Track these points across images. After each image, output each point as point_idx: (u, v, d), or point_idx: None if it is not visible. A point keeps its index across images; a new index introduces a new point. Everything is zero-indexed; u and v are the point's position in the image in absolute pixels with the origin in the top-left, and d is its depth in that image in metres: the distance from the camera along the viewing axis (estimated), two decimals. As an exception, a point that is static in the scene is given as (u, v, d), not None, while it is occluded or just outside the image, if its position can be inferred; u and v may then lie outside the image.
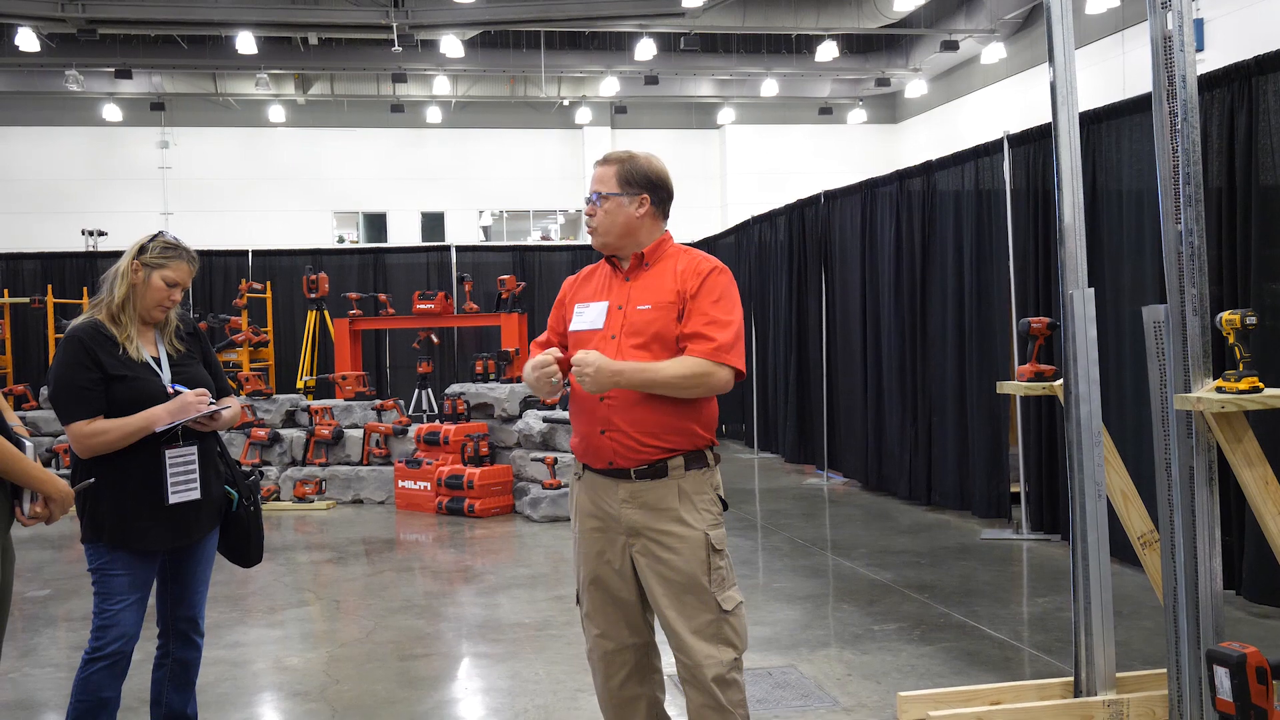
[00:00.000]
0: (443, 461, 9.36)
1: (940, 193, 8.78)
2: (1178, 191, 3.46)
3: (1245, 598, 5.59)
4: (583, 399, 3.17)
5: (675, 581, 3.11)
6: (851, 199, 10.28)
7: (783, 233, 11.96)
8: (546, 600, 6.36)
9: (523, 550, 7.91)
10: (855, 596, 6.29)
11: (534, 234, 26.42)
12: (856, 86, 23.77)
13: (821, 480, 10.65)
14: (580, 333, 3.28)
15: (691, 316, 3.13)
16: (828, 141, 25.22)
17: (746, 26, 19.56)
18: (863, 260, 9.95)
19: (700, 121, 25.46)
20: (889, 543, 7.72)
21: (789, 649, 5.30)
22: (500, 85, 23.38)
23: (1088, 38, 16.17)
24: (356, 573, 7.26)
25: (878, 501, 9.39)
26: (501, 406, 9.64)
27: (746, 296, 12.99)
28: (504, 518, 9.08)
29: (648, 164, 3.32)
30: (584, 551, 3.27)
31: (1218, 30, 14.14)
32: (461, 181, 24.85)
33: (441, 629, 5.88)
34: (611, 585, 3.22)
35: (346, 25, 17.57)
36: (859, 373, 10.01)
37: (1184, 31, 3.48)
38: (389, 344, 14.39)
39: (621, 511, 3.14)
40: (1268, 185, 5.60)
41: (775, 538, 8.08)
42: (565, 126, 24.84)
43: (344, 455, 10.10)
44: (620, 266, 3.32)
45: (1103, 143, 6.73)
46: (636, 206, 3.26)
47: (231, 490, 3.69)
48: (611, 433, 3.12)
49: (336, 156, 24.40)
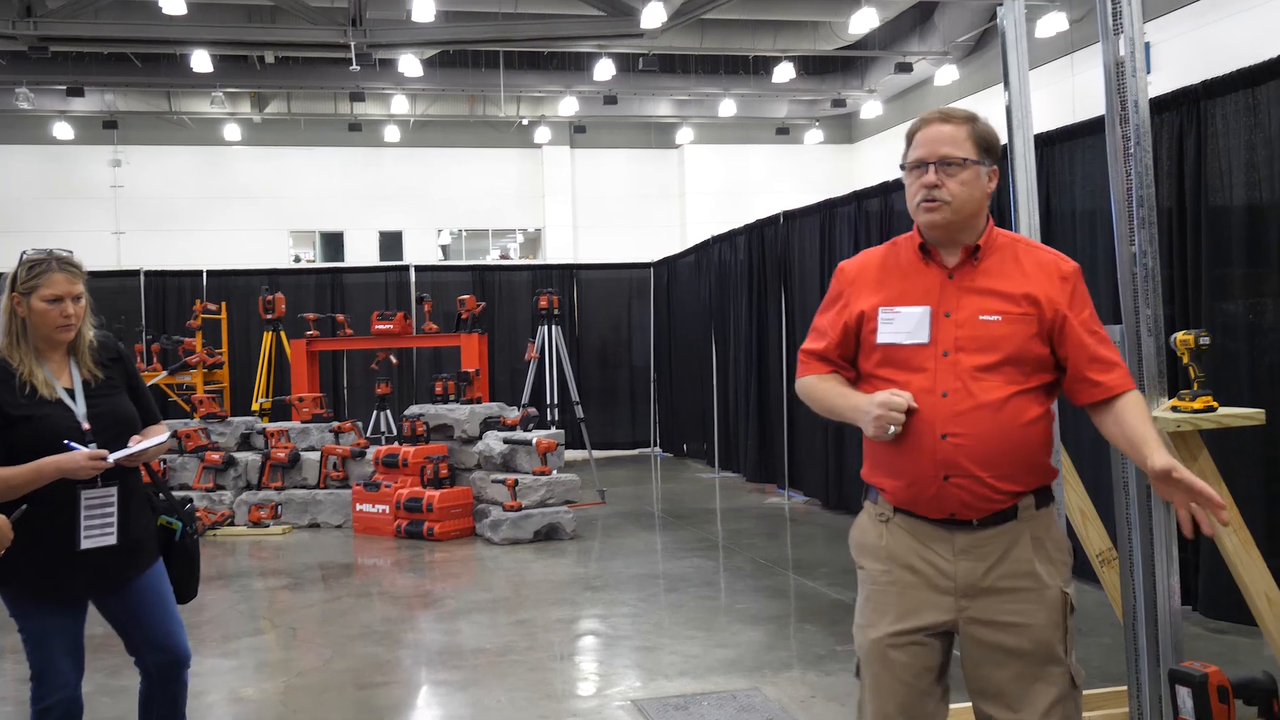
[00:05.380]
0: (402, 484, 9.28)
1: (897, 213, 8.84)
2: (1131, 214, 3.51)
3: (1202, 614, 5.65)
4: (911, 432, 2.49)
5: (1024, 653, 2.48)
6: (810, 219, 10.34)
7: (742, 252, 12.01)
8: (508, 625, 6.31)
9: (483, 574, 7.85)
10: (818, 617, 6.29)
11: (493, 253, 26.37)
12: (813, 107, 23.96)
13: (782, 499, 10.67)
14: (895, 347, 2.56)
15: (1082, 338, 2.52)
16: (785, 161, 25.38)
17: (704, 48, 19.67)
18: (822, 280, 9.99)
19: (659, 141, 25.55)
20: (850, 561, 7.70)
21: (753, 671, 5.28)
22: (459, 104, 23.35)
23: (1039, 60, 16.39)
24: (313, 599, 7.16)
25: (839, 520, 9.41)
26: (461, 428, 9.58)
27: (707, 316, 13.03)
28: (464, 541, 9.01)
29: (993, 129, 2.65)
30: (882, 610, 2.59)
31: (1166, 53, 14.39)
32: (420, 200, 24.77)
33: (401, 656, 5.81)
34: (903, 667, 2.55)
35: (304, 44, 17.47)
36: (819, 392, 10.01)
37: (1135, 58, 3.53)
38: (347, 365, 14.27)
39: (958, 566, 2.51)
40: (1217, 206, 5.69)
41: (737, 558, 8.07)
42: (524, 146, 24.83)
43: (300, 478, 9.98)
44: (938, 257, 2.61)
45: (1056, 164, 6.81)
46: (989, 181, 2.60)
47: (172, 520, 3.48)
48: (959, 479, 2.46)
49: (293, 175, 24.24)
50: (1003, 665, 2.48)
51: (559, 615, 6.56)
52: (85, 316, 3.36)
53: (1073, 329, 2.52)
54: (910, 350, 2.53)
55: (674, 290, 14.67)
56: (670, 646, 5.76)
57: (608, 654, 5.86)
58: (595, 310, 15.33)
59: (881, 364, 2.58)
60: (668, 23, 16.10)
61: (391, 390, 12.69)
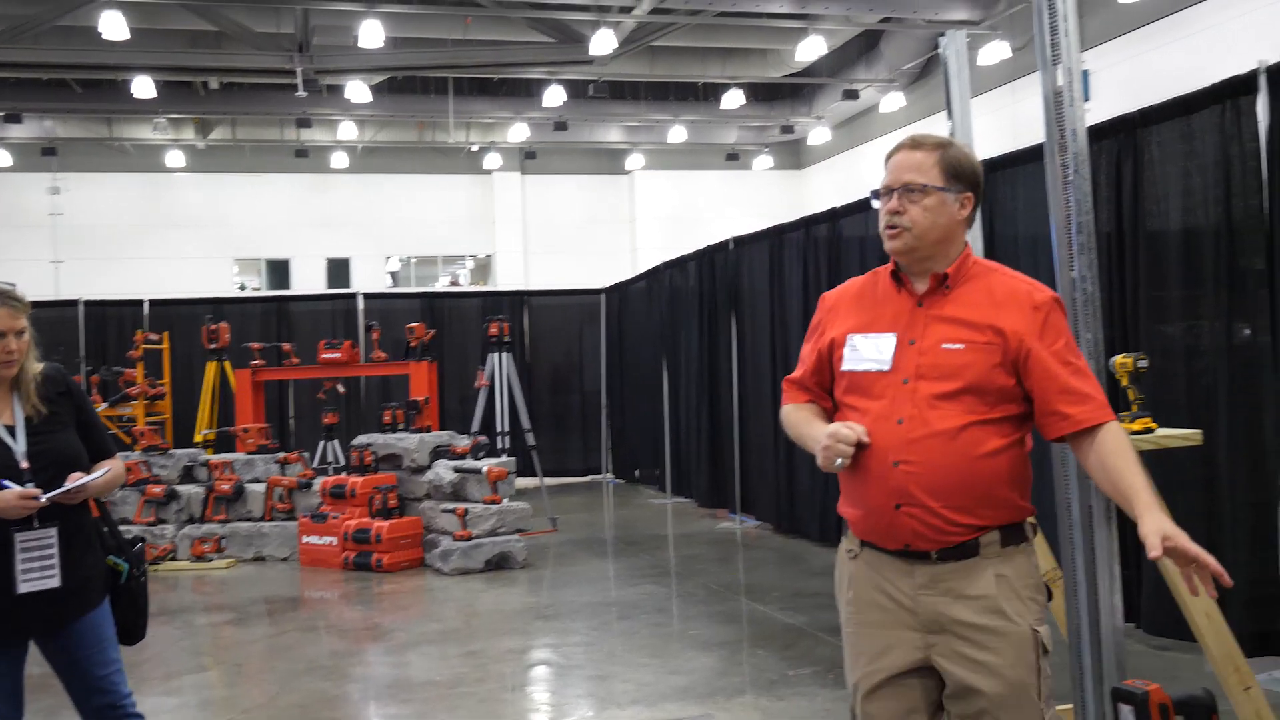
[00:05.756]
0: (350, 515, 9.18)
1: (845, 239, 8.93)
2: (1071, 240, 3.56)
3: (1145, 631, 5.71)
4: (869, 458, 2.49)
5: (995, 695, 2.42)
6: (760, 245, 10.41)
7: (693, 278, 12.05)
8: (459, 656, 6.25)
9: (433, 605, 7.77)
10: (770, 641, 6.29)
11: (443, 280, 26.24)
12: (762, 133, 24.15)
13: (734, 524, 10.68)
14: (859, 374, 2.57)
15: (1052, 370, 2.46)
16: (735, 187, 25.53)
17: (654, 74, 19.78)
18: (772, 305, 10.06)
19: (610, 167, 25.61)
20: (802, 585, 7.75)
21: (705, 697, 5.27)
22: (408, 130, 23.27)
23: (981, 88, 16.64)
24: (258, 634, 7.05)
25: (790, 544, 9.43)
26: (411, 457, 9.49)
27: (658, 342, 13.05)
28: (414, 571, 8.92)
29: (969, 155, 2.61)
30: (859, 650, 2.60)
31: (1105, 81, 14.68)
32: (368, 227, 24.60)
33: (349, 691, 5.74)
34: (890, 706, 2.54)
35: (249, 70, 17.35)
36: (770, 416, 10.07)
37: (1074, 87, 3.60)
38: (293, 395, 14.12)
39: (918, 600, 2.48)
40: (1154, 230, 5.81)
41: (689, 583, 8.06)
42: (474, 172, 24.78)
43: (245, 511, 9.84)
44: (909, 285, 2.61)
45: (999, 190, 6.91)
46: (959, 207, 2.56)
47: (119, 561, 3.40)
48: (910, 508, 2.45)
49: (238, 202, 23.98)
50: (974, 706, 2.43)
51: (510, 645, 6.51)
52: (29, 351, 3.28)
53: (1040, 360, 2.46)
54: (873, 377, 2.54)
55: (625, 316, 14.68)
56: (623, 675, 5.73)
57: (560, 684, 5.82)
58: (547, 337, 15.30)
59: (848, 391, 2.60)
60: (618, 49, 16.18)
61: (339, 420, 12.56)
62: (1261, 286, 5.17)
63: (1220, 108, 5.32)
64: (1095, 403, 2.48)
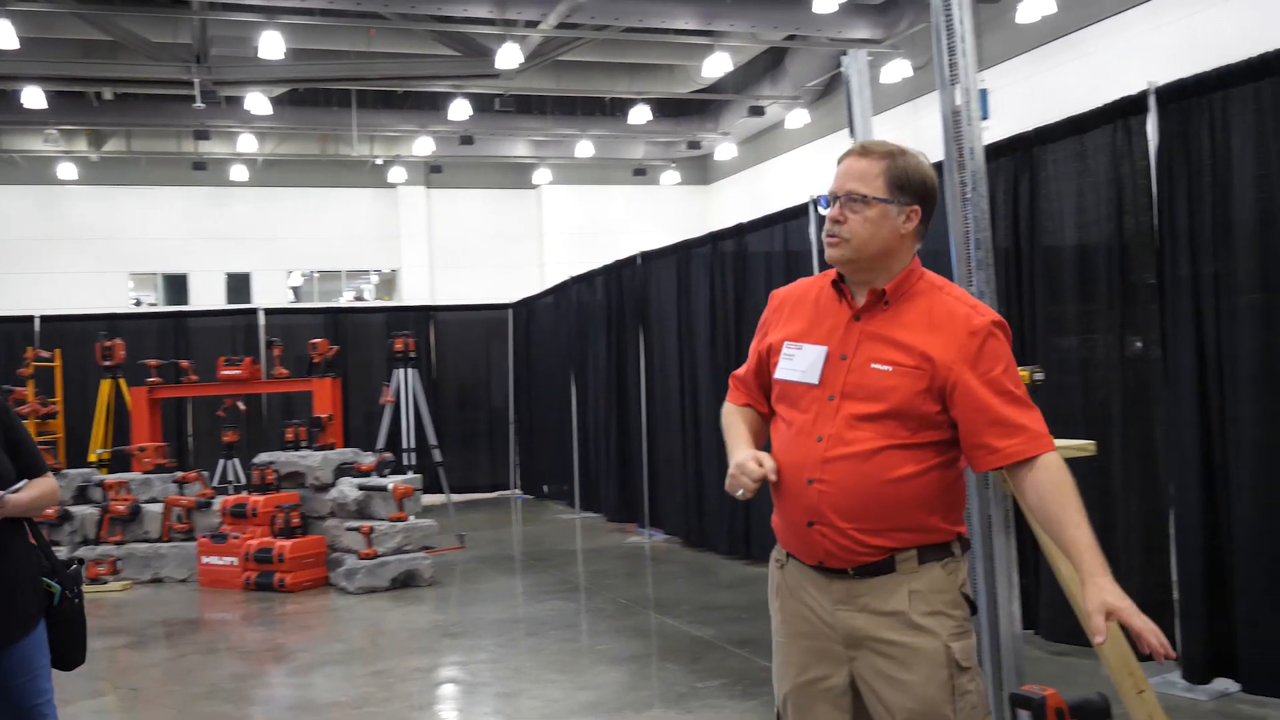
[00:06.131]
0: (251, 535, 8.98)
1: (751, 254, 9.02)
2: (970, 256, 3.65)
3: (1043, 637, 5.85)
4: (787, 475, 2.46)
5: (909, 711, 2.37)
6: (667, 260, 10.46)
7: (601, 293, 12.06)
8: (364, 676, 6.14)
9: (338, 624, 7.64)
10: (679, 655, 6.30)
11: (347, 295, 25.88)
12: (669, 149, 24.30)
13: (643, 539, 10.69)
14: (789, 384, 2.51)
15: (983, 399, 2.36)
16: (643, 202, 25.64)
17: (561, 89, 19.78)
18: (679, 320, 10.11)
19: (517, 182, 25.52)
20: (711, 598, 7.78)
21: (614, 712, 5.26)
22: (310, 143, 22.91)
23: (885, 105, 16.97)
24: (157, 658, 6.85)
25: (699, 558, 9.47)
26: (314, 475, 9.33)
27: (566, 357, 13.02)
28: (318, 591, 8.75)
29: (921, 165, 2.49)
30: (788, 661, 2.54)
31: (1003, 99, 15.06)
32: (269, 241, 24.15)
33: (251, 713, 5.60)
34: (818, 716, 2.49)
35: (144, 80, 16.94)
36: (678, 430, 10.12)
37: (971, 106, 3.69)
38: (192, 413, 13.78)
39: (836, 615, 2.44)
40: (1050, 246, 5.98)
41: (598, 598, 8.04)
42: (379, 185, 24.48)
43: (142, 532, 9.56)
44: (849, 296, 2.52)
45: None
46: (904, 220, 2.45)
47: (51, 583, 3.25)
48: (822, 526, 2.40)
49: (134, 216, 23.35)
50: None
51: (417, 664, 6.42)
52: None
53: (969, 389, 2.36)
54: (802, 389, 2.48)
55: (533, 331, 14.63)
56: (531, 691, 5.69)
57: (467, 702, 5.76)
58: (453, 352, 15.18)
59: (779, 399, 2.56)
60: (524, 64, 16.15)
61: (239, 438, 12.29)
62: (1152, 301, 5.35)
63: (1112, 127, 5.50)
64: (1028, 435, 2.37)
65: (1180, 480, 5.12)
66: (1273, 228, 4.72)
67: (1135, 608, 2.19)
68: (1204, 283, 5.03)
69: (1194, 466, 5.04)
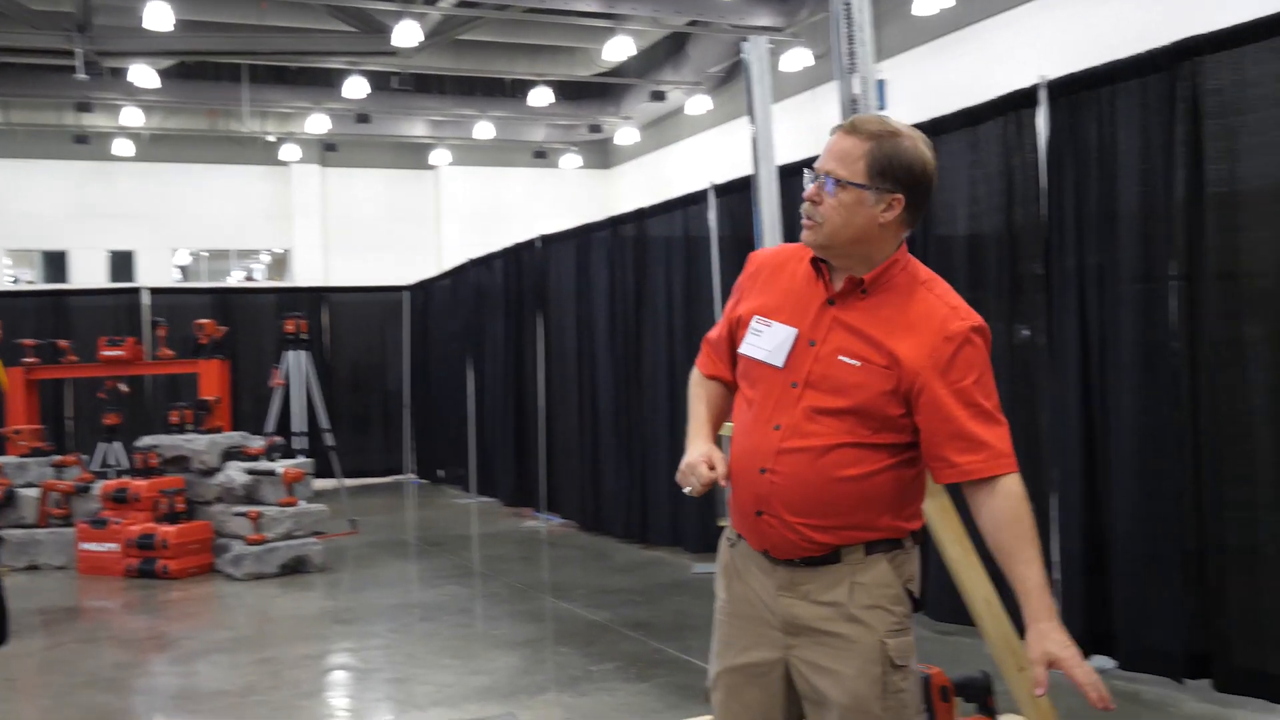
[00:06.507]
0: (133, 520, 8.71)
1: (652, 239, 9.03)
2: (865, 241, 3.68)
3: (930, 617, 5.97)
4: (742, 459, 2.38)
5: (839, 705, 2.29)
6: (567, 243, 10.41)
7: (499, 276, 11.96)
8: (251, 664, 6.00)
9: (224, 611, 7.46)
10: (574, 638, 6.29)
11: (237, 275, 25.25)
12: (570, 132, 24.20)
13: (540, 523, 10.65)
14: (752, 363, 2.40)
15: (949, 409, 2.25)
16: (543, 185, 25.50)
17: (460, 69, 19.54)
18: (579, 304, 10.07)
19: (414, 162, 25.16)
20: (606, 582, 7.79)
21: (508, 696, 5.23)
22: (199, 118, 22.23)
23: (786, 93, 17.12)
24: (33, 647, 6.59)
25: (595, 542, 9.47)
26: (200, 459, 9.08)
27: (463, 342, 12.89)
28: (203, 578, 8.53)
29: (913, 150, 2.29)
30: (727, 641, 2.47)
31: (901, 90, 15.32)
32: (155, 219, 23.41)
33: (133, 703, 5.44)
34: (748, 703, 2.42)
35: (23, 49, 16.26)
36: (576, 415, 10.09)
37: (869, 96, 3.73)
38: (71, 394, 13.30)
39: (778, 601, 2.36)
40: (942, 236, 6.09)
41: (494, 583, 7.99)
42: (270, 163, 23.89)
43: (17, 517, 9.19)
44: (827, 277, 2.37)
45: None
46: (884, 209, 2.28)
47: None
48: (769, 517, 2.32)
49: (11, 190, 22.41)
50: (820, 713, 2.33)
51: (306, 651, 6.30)
52: None
53: (936, 397, 2.24)
54: (765, 370, 2.36)
55: (430, 314, 14.45)
56: (424, 677, 5.63)
57: (359, 689, 5.67)
58: (347, 335, 14.92)
59: (743, 375, 2.45)
60: (423, 42, 15.92)
61: (121, 421, 11.88)
62: (1039, 290, 5.48)
63: (1004, 119, 5.61)
64: (990, 452, 2.26)
65: (1063, 464, 5.27)
66: (1155, 219, 4.87)
67: (1078, 656, 2.14)
68: (1089, 272, 5.18)
69: (1077, 450, 5.20)
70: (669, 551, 8.68)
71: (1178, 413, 4.77)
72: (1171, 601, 4.76)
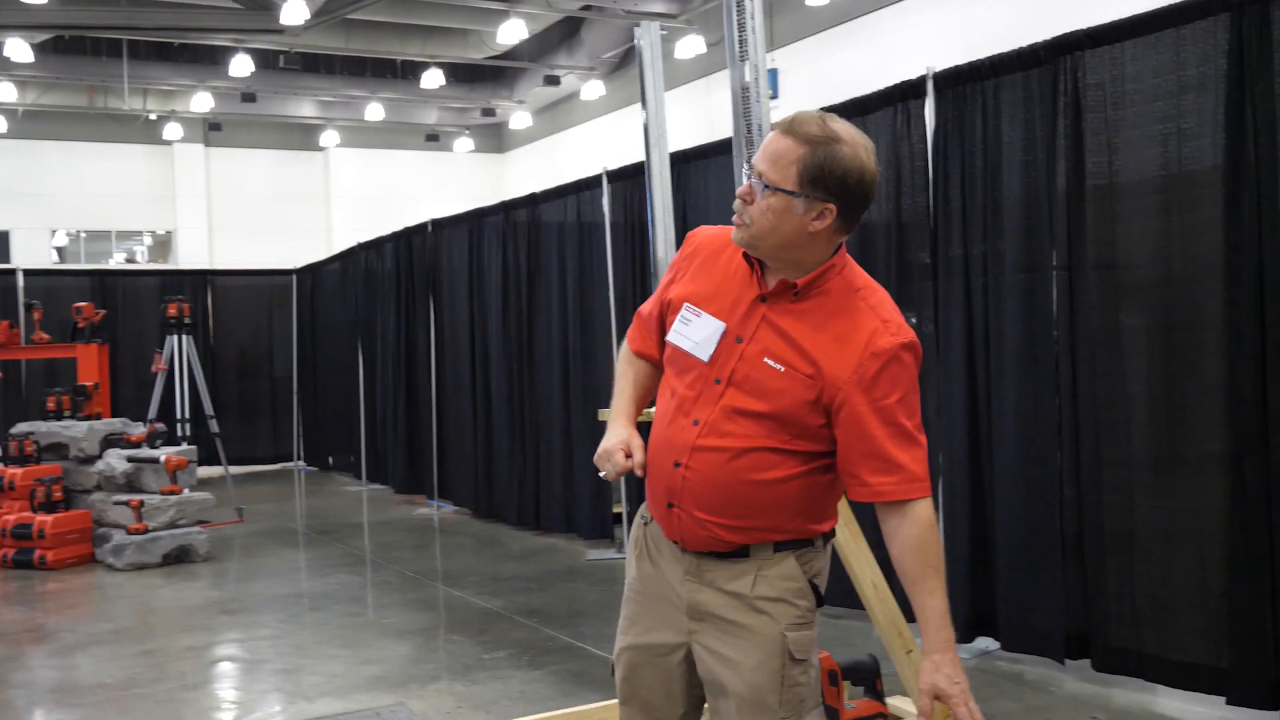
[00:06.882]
0: (8, 509, 8.40)
1: (545, 224, 8.99)
2: (758, 229, 3.71)
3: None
4: (658, 450, 2.34)
5: (737, 695, 2.27)
6: (459, 228, 10.30)
7: (390, 260, 11.78)
8: (133, 656, 5.84)
9: (105, 603, 7.24)
10: (466, 626, 6.26)
11: (118, 257, 24.42)
12: (463, 115, 23.93)
13: (432, 510, 10.55)
14: (677, 352, 2.34)
15: (868, 426, 2.20)
16: (436, 169, 25.18)
17: (350, 49, 19.17)
18: (471, 289, 9.98)
19: (303, 143, 24.62)
20: (499, 569, 7.75)
21: (399, 686, 5.17)
22: (78, 95, 21.41)
23: (680, 80, 17.19)
24: (-103, 643, 6.32)
25: (488, 529, 9.42)
26: (78, 446, 8.78)
27: (353, 326, 12.69)
28: (83, 569, 8.26)
29: (851, 159, 2.17)
30: (633, 619, 2.45)
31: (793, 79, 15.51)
32: (30, 198, 22.49)
33: (10, 697, 5.24)
34: (647, 681, 2.41)
35: (-115, 18, 15.49)
36: (469, 401, 10.01)
37: (760, 83, 3.76)
38: (-59, 379, 12.75)
39: (684, 585, 2.34)
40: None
41: (385, 571, 7.89)
42: (153, 142, 23.14)
43: (-118, 507, 8.80)
44: (760, 272, 2.29)
45: (692, 181, 7.14)
46: (814, 217, 2.19)
47: None
48: (680, 511, 2.30)
49: (-127, 166, 21.36)
50: (720, 701, 2.32)
51: (190, 643, 6.15)
52: None
53: (856, 415, 2.19)
54: (691, 361, 2.30)
55: (318, 298, 14.18)
56: (313, 667, 5.54)
57: (245, 680, 5.55)
58: (233, 319, 14.56)
59: (669, 361, 2.39)
60: (310, 20, 15.56)
61: (-5, 406, 11.46)
62: (926, 279, 5.60)
63: (893, 109, 5.70)
64: (904, 475, 2.21)
65: (948, 450, 5.40)
66: (1036, 210, 5.00)
67: (966, 692, 2.15)
68: (974, 262, 5.30)
69: (961, 437, 5.33)
70: (563, 538, 8.68)
71: (1058, 400, 4.91)
72: (1052, 584, 4.91)
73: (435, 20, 18.33)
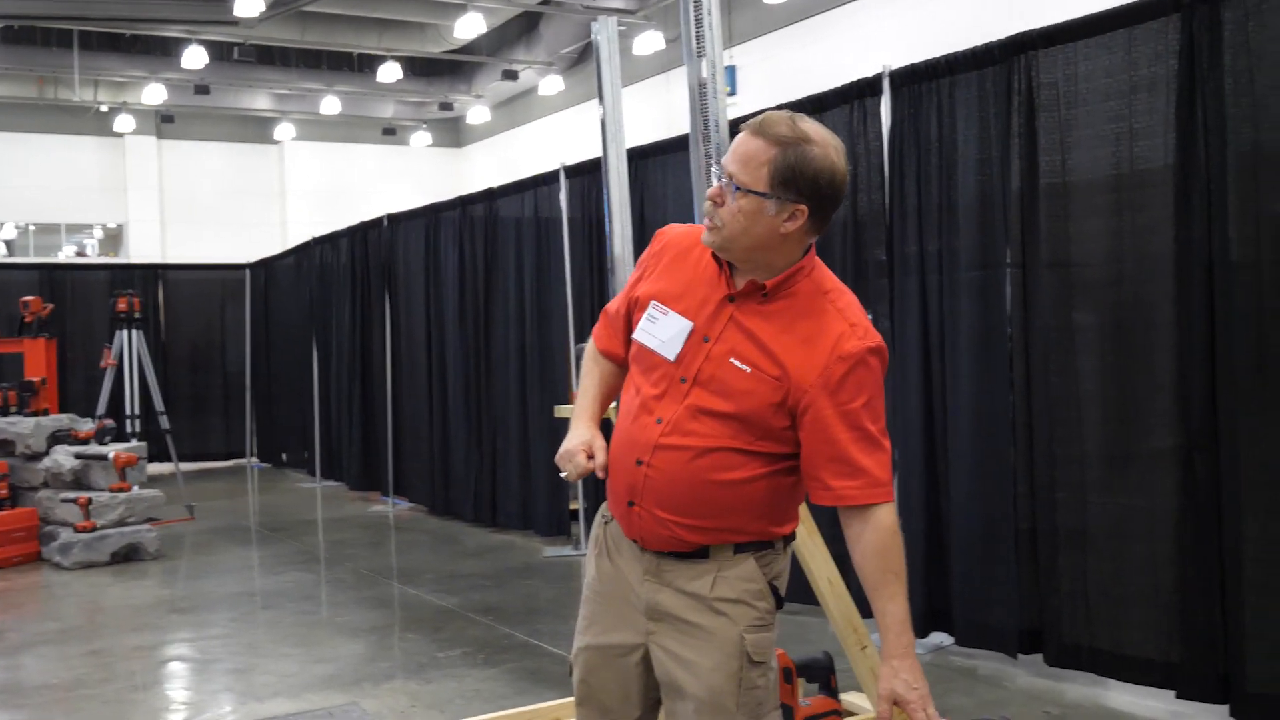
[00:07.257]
0: (-49, 507, 8.24)
1: (502, 219, 8.94)
2: (714, 225, 3.70)
3: (780, 598, 6.10)
4: (620, 447, 2.32)
5: (694, 696, 2.26)
6: (415, 223, 10.23)
7: (345, 255, 11.67)
8: (80, 656, 5.74)
9: (51, 602, 7.12)
10: (421, 624, 6.21)
11: (67, 249, 24.03)
12: (420, 109, 23.75)
13: (387, 507, 10.47)
14: (643, 350, 2.33)
15: (832, 431, 2.19)
16: (393, 163, 24.97)
17: (306, 41, 18.95)
18: (427, 284, 9.91)
19: (257, 136, 24.32)
20: (455, 567, 7.70)
21: (352, 685, 5.13)
22: (26, 85, 21.01)
23: (638, 76, 17.16)
24: None
25: (444, 526, 9.36)
26: (25, 443, 8.63)
27: (308, 320, 12.56)
28: (28, 568, 8.12)
29: (822, 159, 2.17)
30: (591, 619, 2.43)
31: (751, 76, 15.52)
32: (-23, 190, 22.08)
33: (-53, 701, 5.13)
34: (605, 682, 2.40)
35: None
36: (425, 397, 9.94)
37: (717, 80, 3.74)
38: (-117, 374, 12.49)
39: (644, 586, 2.33)
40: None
41: (339, 569, 7.82)
42: (104, 134, 22.75)
43: None
44: (729, 272, 2.29)
45: (650, 177, 7.12)
46: (786, 219, 2.18)
47: None
48: (641, 510, 2.28)
49: None
50: (678, 703, 2.30)
51: (139, 642, 6.06)
52: None
53: (821, 416, 2.19)
54: (657, 360, 2.29)
55: (272, 293, 14.03)
56: (265, 666, 5.47)
57: (196, 680, 5.48)
58: (185, 313, 14.37)
59: (634, 359, 2.37)
60: (265, 12, 15.37)
61: (-61, 402, 11.23)
62: (882, 276, 5.62)
63: (849, 107, 5.72)
64: (867, 480, 2.21)
65: (904, 445, 5.42)
66: (991, 208, 5.03)
67: (925, 697, 2.15)
68: (929, 259, 5.33)
69: (917, 432, 5.36)
70: (519, 535, 8.64)
71: (1012, 396, 4.95)
72: (1006, 579, 4.94)
73: (392, 13, 18.17)
